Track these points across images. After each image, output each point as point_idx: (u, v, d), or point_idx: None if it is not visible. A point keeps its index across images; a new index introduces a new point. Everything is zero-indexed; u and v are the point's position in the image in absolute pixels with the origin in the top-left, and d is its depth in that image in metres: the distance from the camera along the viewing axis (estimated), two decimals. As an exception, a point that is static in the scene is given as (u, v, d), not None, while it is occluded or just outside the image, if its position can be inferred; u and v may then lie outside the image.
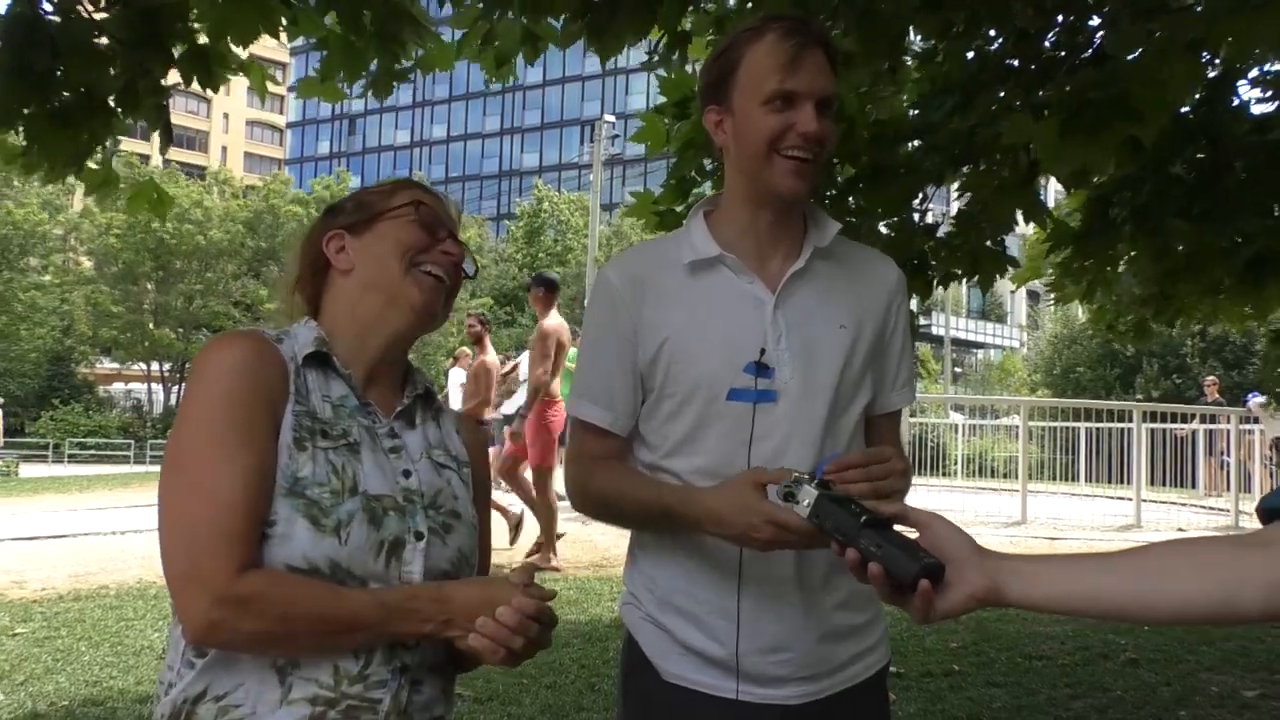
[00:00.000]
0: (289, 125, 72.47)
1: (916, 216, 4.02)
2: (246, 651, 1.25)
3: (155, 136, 3.96)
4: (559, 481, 11.09)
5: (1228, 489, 12.21)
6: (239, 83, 4.29)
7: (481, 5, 3.85)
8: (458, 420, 1.53)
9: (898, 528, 1.19)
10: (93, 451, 30.60)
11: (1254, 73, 3.92)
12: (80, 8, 3.43)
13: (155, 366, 38.32)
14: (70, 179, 3.92)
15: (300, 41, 4.18)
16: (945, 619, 1.12)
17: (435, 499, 1.40)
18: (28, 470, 23.02)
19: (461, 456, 1.49)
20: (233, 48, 3.73)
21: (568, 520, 9.30)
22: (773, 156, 1.55)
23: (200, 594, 1.20)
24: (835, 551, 1.21)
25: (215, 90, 3.88)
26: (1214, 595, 1.04)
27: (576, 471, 1.71)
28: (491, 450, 12.82)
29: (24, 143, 3.63)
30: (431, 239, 1.44)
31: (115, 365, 39.68)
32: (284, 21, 3.72)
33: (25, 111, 3.47)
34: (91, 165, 3.87)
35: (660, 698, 1.63)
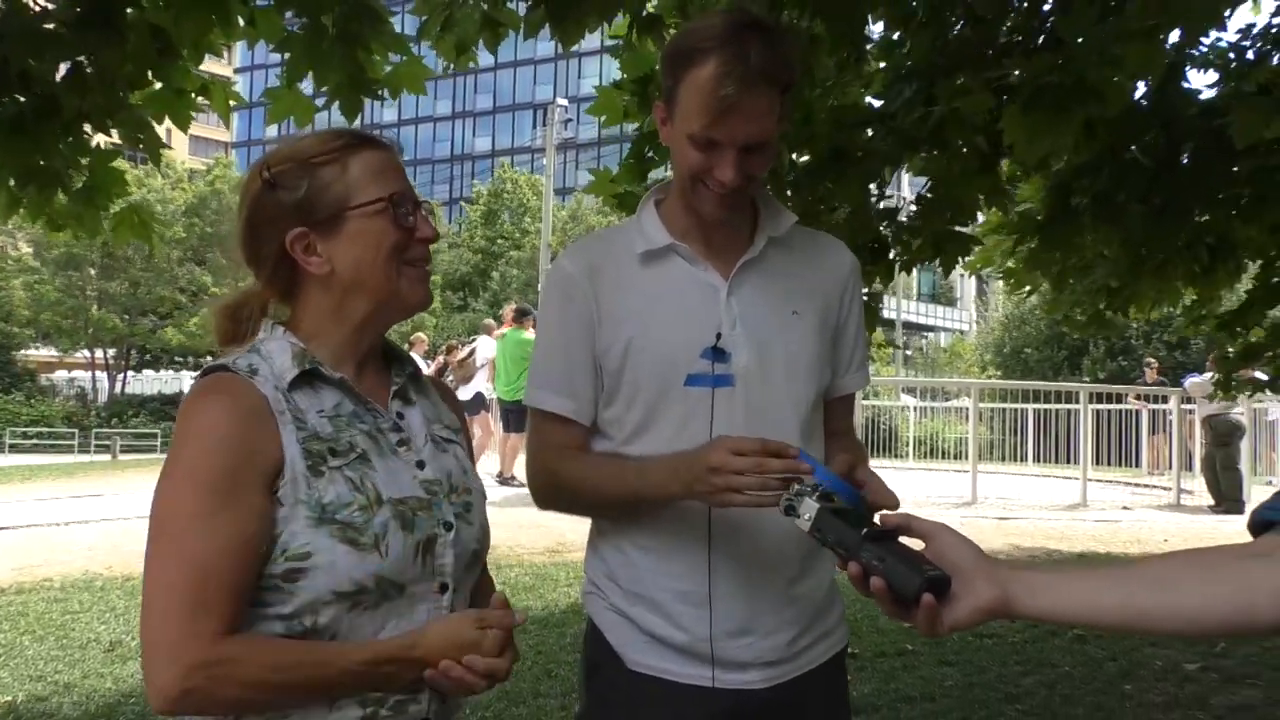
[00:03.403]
0: (236, 109, 71.03)
1: (875, 199, 4.03)
2: (218, 717, 1.23)
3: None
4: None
5: (1170, 468, 12.50)
6: (185, 63, 4.17)
7: None
8: (440, 388, 1.51)
9: (903, 539, 1.16)
10: (35, 441, 29.89)
11: (1195, 52, 3.97)
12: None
13: (99, 354, 37.49)
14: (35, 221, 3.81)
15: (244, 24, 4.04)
16: (954, 632, 1.10)
17: (451, 482, 1.38)
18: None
19: (455, 425, 1.48)
20: (189, 68, 3.64)
21: (525, 507, 9.27)
22: (696, 185, 1.56)
23: (168, 663, 1.16)
24: (838, 565, 1.19)
25: (184, 128, 3.83)
26: (1229, 605, 1.03)
27: (541, 464, 1.69)
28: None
29: None
30: (410, 233, 1.35)
31: (57, 353, 38.75)
32: (240, 21, 3.62)
33: None
34: (63, 197, 3.75)
35: (626, 687, 1.63)
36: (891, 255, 4.11)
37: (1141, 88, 3.63)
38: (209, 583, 1.18)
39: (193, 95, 3.90)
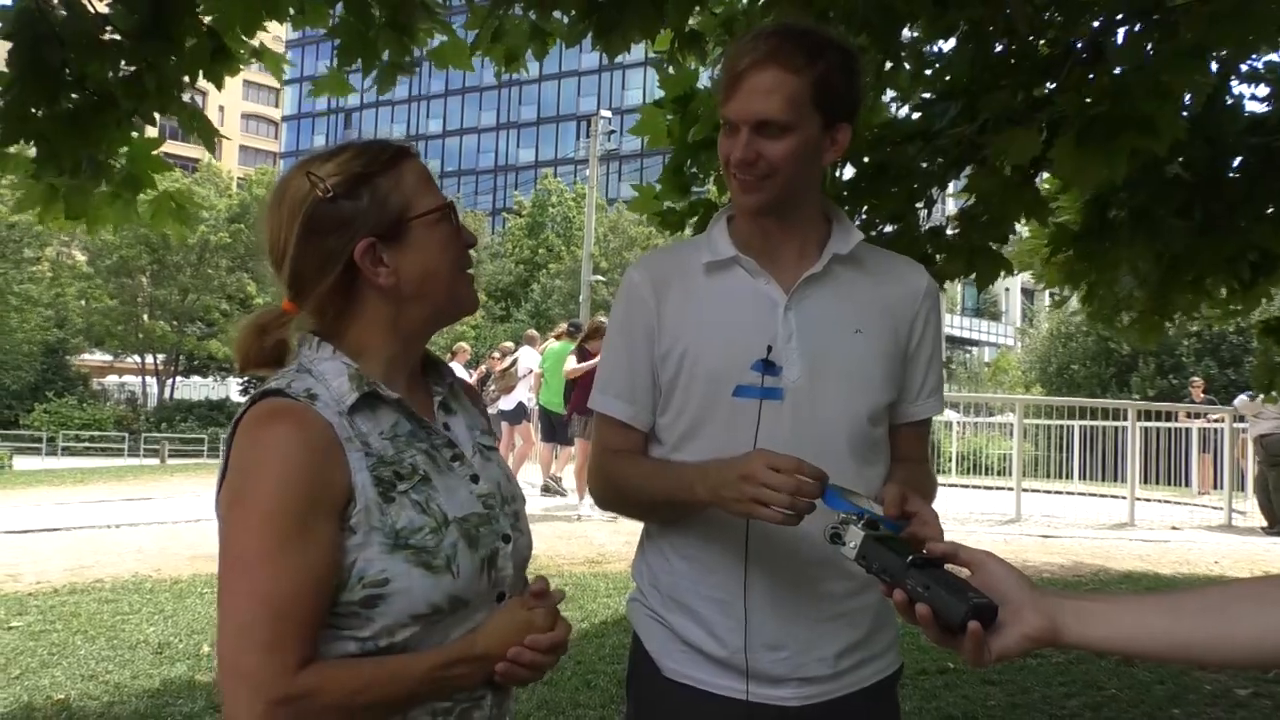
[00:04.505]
0: (284, 119, 72.30)
1: (922, 217, 4.02)
2: None
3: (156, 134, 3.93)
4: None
5: (1219, 487, 12.24)
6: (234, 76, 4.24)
7: (490, 3, 3.86)
8: (465, 388, 1.52)
9: (949, 567, 1.15)
10: (87, 444, 30.55)
11: (1245, 67, 3.92)
12: (86, 1, 3.41)
13: (149, 359, 38.25)
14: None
15: (296, 34, 4.14)
16: (1000, 661, 1.09)
17: (501, 493, 1.39)
18: (21, 463, 22.95)
19: (486, 427, 1.49)
20: (242, 38, 3.69)
21: (565, 519, 9.32)
22: (728, 176, 1.62)
23: (252, 698, 1.17)
24: (883, 592, 1.19)
25: (220, 86, 3.81)
26: None
27: (599, 465, 1.74)
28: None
29: (34, 148, 3.56)
30: (464, 243, 1.37)
31: (109, 358, 39.59)
32: (290, 11, 3.70)
33: (37, 113, 3.43)
34: (105, 186, 3.82)
35: (662, 695, 1.64)
36: (935, 274, 4.10)
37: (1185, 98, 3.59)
38: (285, 619, 1.18)
39: (239, 54, 3.85)
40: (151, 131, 3.97)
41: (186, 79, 3.69)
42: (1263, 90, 4.01)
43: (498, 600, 1.34)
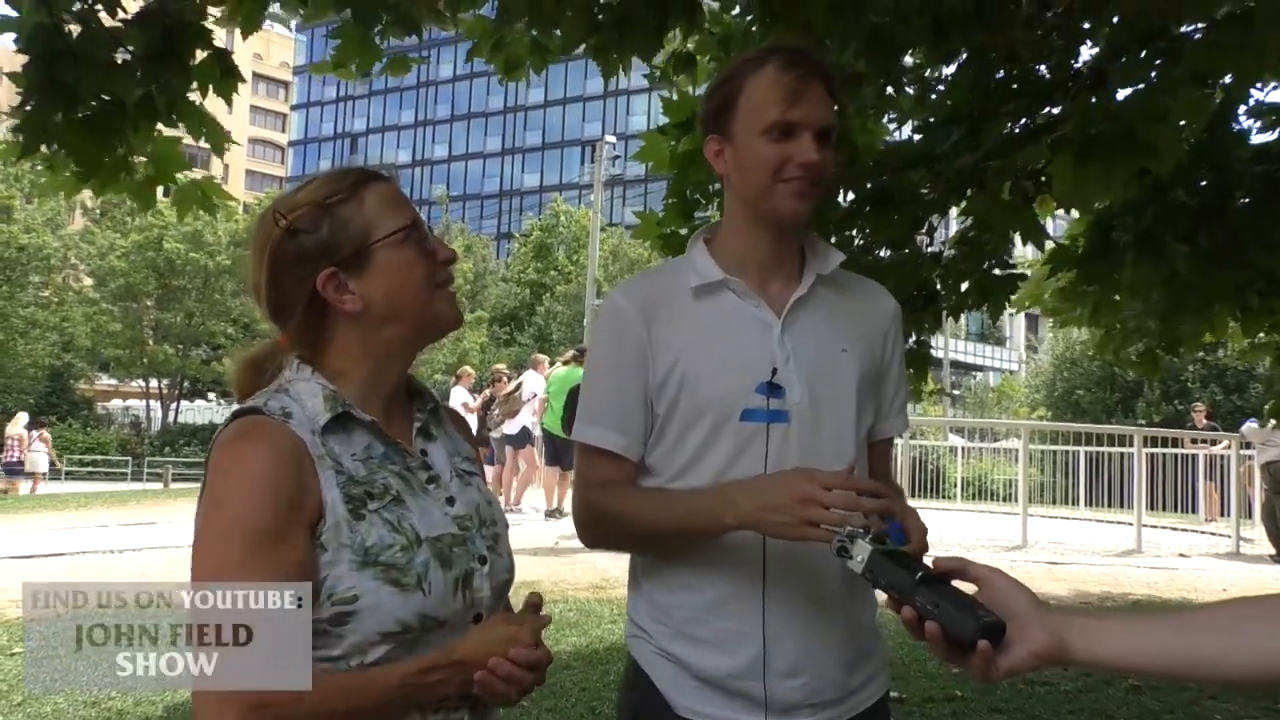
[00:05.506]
0: (290, 144, 72.74)
1: (923, 243, 4.03)
2: None
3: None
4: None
5: (1226, 514, 12.17)
6: (241, 101, 4.28)
7: (493, 20, 3.91)
8: (453, 418, 1.53)
9: (956, 583, 1.16)
10: (90, 469, 30.50)
11: (1251, 101, 3.94)
12: (99, 18, 3.46)
13: (154, 383, 38.27)
14: (91, 193, 3.93)
15: (304, 61, 4.20)
16: (1008, 678, 1.09)
17: (480, 515, 1.40)
18: (25, 486, 22.90)
19: (470, 454, 1.49)
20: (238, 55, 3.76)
21: (568, 540, 9.27)
22: (775, 184, 1.58)
23: (221, 704, 1.19)
24: (890, 608, 1.19)
25: (229, 100, 3.83)
26: None
27: (589, 499, 1.68)
28: (490, 470, 12.84)
29: (56, 152, 3.61)
30: (433, 256, 1.37)
31: (113, 382, 39.63)
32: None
33: (56, 120, 3.48)
34: (126, 179, 3.86)
35: None
36: (939, 302, 4.10)
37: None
38: None
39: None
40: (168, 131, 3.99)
41: (196, 96, 3.74)
42: (1265, 124, 4.02)
43: (474, 622, 1.34)
